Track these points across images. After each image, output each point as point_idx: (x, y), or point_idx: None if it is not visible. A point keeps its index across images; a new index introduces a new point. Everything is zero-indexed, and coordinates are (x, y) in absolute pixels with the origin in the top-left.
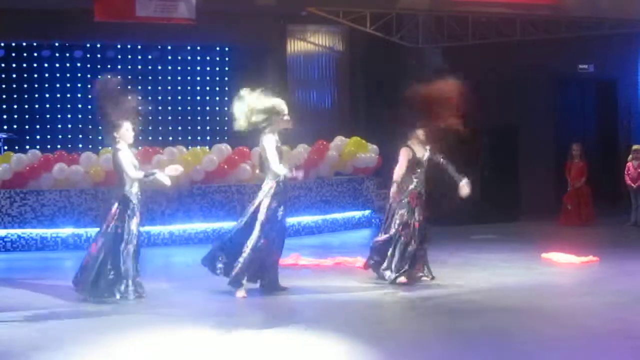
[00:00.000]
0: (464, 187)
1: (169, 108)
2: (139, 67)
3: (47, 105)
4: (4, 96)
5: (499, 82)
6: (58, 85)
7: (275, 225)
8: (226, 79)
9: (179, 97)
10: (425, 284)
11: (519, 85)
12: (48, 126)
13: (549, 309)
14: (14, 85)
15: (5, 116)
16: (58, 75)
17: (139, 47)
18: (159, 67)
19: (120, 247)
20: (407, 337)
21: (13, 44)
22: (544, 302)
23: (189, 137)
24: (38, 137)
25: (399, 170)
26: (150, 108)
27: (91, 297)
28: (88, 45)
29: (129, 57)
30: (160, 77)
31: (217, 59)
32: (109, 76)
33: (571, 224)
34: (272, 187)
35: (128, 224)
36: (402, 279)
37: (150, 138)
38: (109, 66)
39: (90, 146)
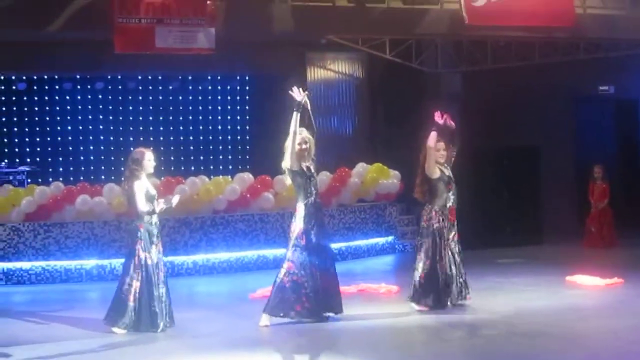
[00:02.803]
0: None
1: (191, 138)
2: (160, 97)
3: (69, 138)
4: (27, 129)
5: (520, 105)
6: (80, 117)
7: (309, 247)
8: (247, 107)
9: (200, 127)
10: (452, 310)
11: (539, 107)
12: (70, 158)
13: (575, 332)
14: (37, 118)
15: (28, 149)
16: (80, 107)
17: (160, 77)
18: (180, 97)
19: (153, 277)
20: None
21: (35, 77)
22: (570, 326)
23: (211, 167)
24: (61, 169)
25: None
26: (171, 138)
27: (132, 330)
28: (109, 76)
29: (150, 87)
30: (181, 107)
31: (238, 88)
32: None
33: (595, 246)
34: (301, 209)
35: (151, 254)
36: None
37: (172, 168)
38: (130, 97)
39: (112, 177)
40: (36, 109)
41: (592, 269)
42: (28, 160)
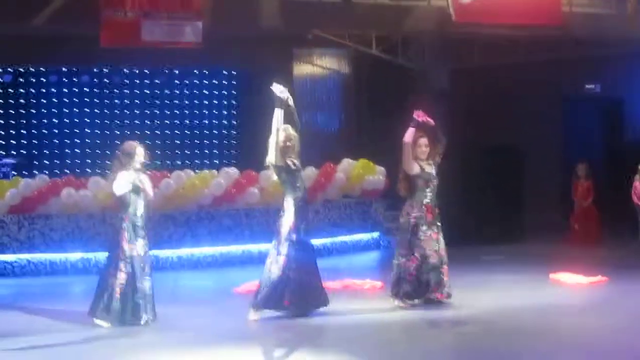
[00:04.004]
0: None
1: (177, 132)
2: (146, 91)
3: (55, 130)
4: (12, 121)
5: (505, 102)
6: (66, 110)
7: (298, 242)
8: (233, 102)
9: (186, 121)
10: (435, 306)
11: (525, 105)
12: (56, 151)
13: (558, 329)
14: (22, 111)
15: (13, 141)
16: (65, 100)
17: (146, 71)
18: (166, 92)
19: (137, 269)
20: (417, 358)
21: (21, 69)
22: (553, 323)
23: (197, 161)
24: (46, 161)
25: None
26: (157, 132)
27: (117, 323)
28: (95, 70)
29: (136, 81)
30: (167, 101)
31: (224, 82)
32: None
33: (579, 244)
34: (291, 204)
35: (137, 246)
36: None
37: (158, 162)
38: (116, 91)
39: (98, 170)
40: (22, 101)
41: (575, 267)
42: (13, 152)
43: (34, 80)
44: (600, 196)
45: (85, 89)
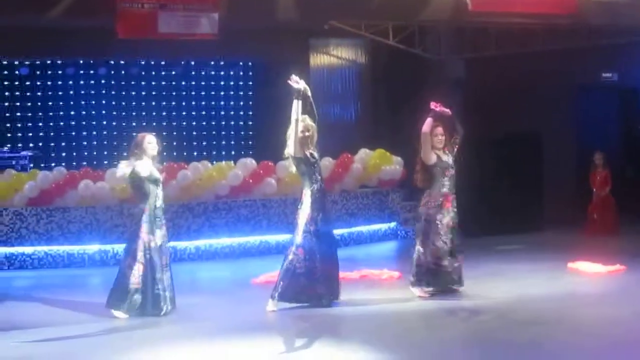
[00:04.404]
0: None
1: (193, 123)
2: (163, 83)
3: (72, 122)
4: (29, 114)
5: (522, 91)
6: (83, 102)
7: (317, 233)
8: (250, 93)
9: (203, 113)
10: (453, 295)
11: (542, 94)
12: (73, 143)
13: (577, 319)
14: (39, 103)
15: (30, 134)
16: (82, 92)
17: (163, 63)
18: (183, 83)
19: (156, 261)
20: (434, 348)
21: (37, 62)
22: (572, 312)
23: (214, 152)
24: (63, 154)
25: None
26: (173, 124)
27: (137, 314)
28: (112, 62)
29: (153, 73)
30: (184, 93)
31: (241, 73)
32: None
33: (596, 233)
34: (308, 195)
35: (156, 237)
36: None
37: (174, 154)
38: (132, 83)
39: (115, 162)
40: (39, 94)
41: (593, 256)
42: (31, 145)
43: (50, 73)
44: (616, 185)
45: (102, 81)
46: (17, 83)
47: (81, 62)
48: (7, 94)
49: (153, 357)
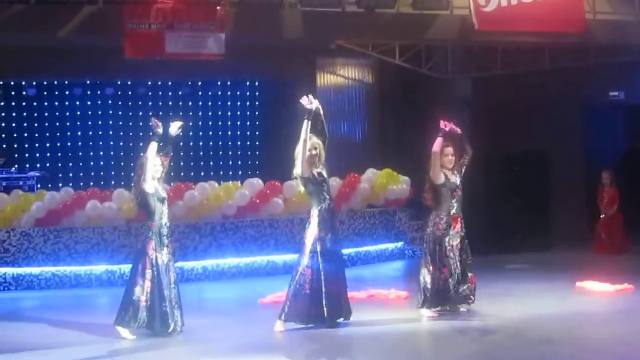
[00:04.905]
0: None
1: (200, 143)
2: (170, 103)
3: (79, 143)
4: (37, 134)
5: (529, 110)
6: (90, 123)
7: (324, 253)
8: (257, 113)
9: (210, 132)
10: (462, 315)
11: (549, 113)
12: (80, 163)
13: (585, 338)
14: (46, 124)
15: (37, 154)
16: (90, 112)
17: (169, 83)
18: (190, 103)
19: (164, 277)
20: None
21: (45, 83)
22: (581, 332)
23: (221, 172)
24: (71, 174)
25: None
26: (181, 144)
27: (144, 331)
28: (119, 82)
29: (160, 93)
30: (191, 113)
31: (247, 93)
32: None
33: (604, 252)
34: (315, 215)
35: (162, 255)
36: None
37: (182, 174)
38: (139, 103)
39: (122, 182)
40: (46, 114)
41: (602, 275)
42: (38, 165)
43: (57, 93)
44: (624, 203)
45: (109, 101)
46: (24, 103)
47: (88, 82)
48: (14, 114)
49: None
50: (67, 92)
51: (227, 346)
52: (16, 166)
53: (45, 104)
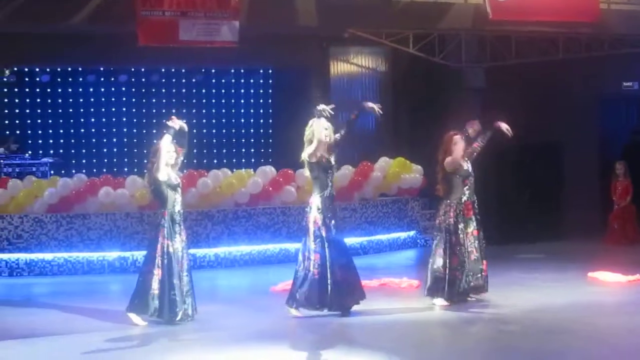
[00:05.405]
0: (502, 125)
1: (213, 131)
2: (183, 90)
3: (93, 130)
4: (50, 121)
5: (543, 100)
6: (103, 110)
7: (329, 240)
8: (270, 101)
9: (223, 120)
10: (474, 304)
11: (562, 103)
12: (94, 150)
13: (597, 328)
14: (60, 110)
15: (51, 140)
16: (103, 99)
17: (183, 70)
18: (203, 91)
19: (174, 266)
20: (455, 357)
21: (58, 69)
22: (593, 322)
23: (234, 160)
24: (84, 161)
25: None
26: (194, 131)
27: (154, 319)
28: (132, 69)
29: (173, 80)
30: (204, 101)
31: (261, 81)
32: None
33: (617, 243)
34: (318, 201)
35: (174, 243)
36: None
37: (195, 161)
38: (153, 90)
39: (135, 169)
40: (60, 101)
41: (614, 266)
42: (51, 151)
43: (71, 80)
44: (637, 194)
45: (122, 88)
46: (38, 90)
47: (102, 69)
48: (28, 100)
49: None
50: (80, 79)
51: (238, 334)
52: (29, 152)
53: (59, 90)
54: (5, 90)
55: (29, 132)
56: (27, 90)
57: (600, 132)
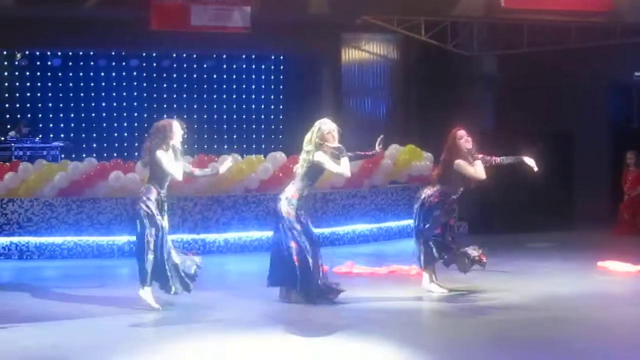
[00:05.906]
0: (529, 160)
1: (224, 116)
2: (194, 76)
3: (103, 114)
4: (61, 105)
5: (554, 89)
6: (114, 94)
7: (305, 233)
8: (281, 87)
9: (234, 106)
10: (481, 293)
11: (574, 92)
12: (104, 134)
13: (606, 318)
14: (71, 94)
15: (62, 124)
16: (114, 84)
17: (194, 56)
18: (214, 76)
19: (166, 242)
20: (462, 346)
21: (70, 53)
22: (601, 312)
23: (244, 146)
24: (94, 145)
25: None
26: (205, 117)
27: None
28: (144, 54)
29: (185, 66)
30: (215, 86)
31: (272, 67)
32: None
33: (627, 233)
34: (296, 197)
35: (164, 221)
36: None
37: (205, 146)
38: (164, 75)
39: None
40: (71, 85)
41: (623, 256)
42: (62, 135)
43: (82, 64)
44: None
45: (133, 72)
46: (49, 74)
47: (113, 53)
48: (39, 84)
49: (176, 349)
50: (92, 63)
51: (246, 319)
52: (40, 136)
53: (70, 74)
54: (17, 74)
55: (40, 115)
56: (38, 74)
57: (611, 122)
